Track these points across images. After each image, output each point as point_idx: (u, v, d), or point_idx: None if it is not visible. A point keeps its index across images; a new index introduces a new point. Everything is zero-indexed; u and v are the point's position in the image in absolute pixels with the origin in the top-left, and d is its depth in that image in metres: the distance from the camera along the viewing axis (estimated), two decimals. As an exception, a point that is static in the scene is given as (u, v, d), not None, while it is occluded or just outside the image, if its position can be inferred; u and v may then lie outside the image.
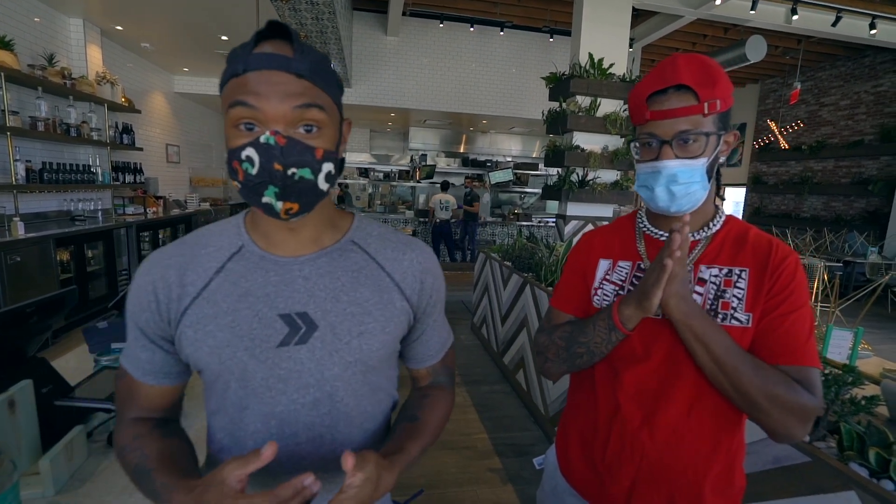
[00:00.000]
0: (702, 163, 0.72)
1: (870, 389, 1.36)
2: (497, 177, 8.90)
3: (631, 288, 0.82)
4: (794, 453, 1.20)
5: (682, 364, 0.75)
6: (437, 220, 7.39)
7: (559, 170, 4.21)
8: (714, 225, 0.80)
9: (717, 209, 0.82)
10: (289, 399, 0.61)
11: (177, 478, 0.55)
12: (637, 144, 0.78)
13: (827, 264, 5.72)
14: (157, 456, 0.59)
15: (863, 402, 1.16)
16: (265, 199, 0.55)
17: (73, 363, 1.43)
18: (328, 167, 0.57)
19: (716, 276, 0.76)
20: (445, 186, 7.63)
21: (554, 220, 5.37)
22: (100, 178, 4.73)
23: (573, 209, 4.10)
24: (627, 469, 0.79)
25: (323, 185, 0.57)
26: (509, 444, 2.53)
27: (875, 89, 7.29)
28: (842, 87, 7.81)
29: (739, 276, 0.75)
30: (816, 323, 2.36)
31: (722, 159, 0.76)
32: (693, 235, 0.79)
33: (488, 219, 8.27)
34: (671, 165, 0.72)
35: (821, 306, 2.34)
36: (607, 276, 0.85)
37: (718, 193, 0.86)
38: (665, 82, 0.71)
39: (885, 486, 1.01)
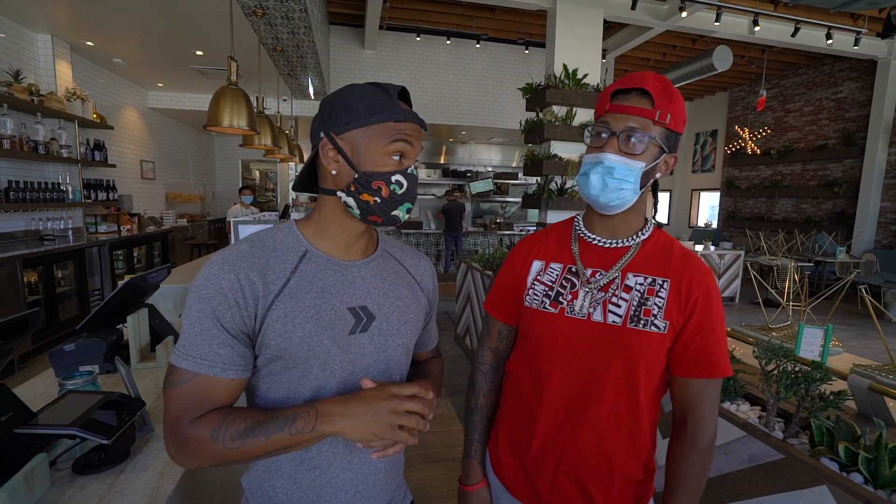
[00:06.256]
0: (640, 166, 0.78)
1: (839, 385, 1.40)
2: (477, 187, 8.96)
3: (560, 290, 0.86)
4: (769, 451, 1.22)
5: (602, 364, 0.81)
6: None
7: (538, 178, 4.27)
8: (643, 234, 0.85)
9: (646, 220, 0.88)
10: (356, 378, 0.74)
11: (306, 403, 0.67)
12: (591, 130, 0.83)
13: (798, 264, 5.90)
14: (260, 411, 0.66)
15: (831, 398, 1.19)
16: (395, 212, 0.73)
17: (40, 388, 1.37)
18: None
19: (641, 283, 0.81)
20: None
21: (535, 228, 5.41)
22: (70, 196, 4.60)
23: (553, 217, 4.15)
24: (550, 464, 0.85)
25: None
26: (495, 453, 2.51)
27: (835, 96, 7.63)
28: (805, 94, 8.15)
29: (661, 287, 0.80)
30: (788, 322, 2.43)
31: (658, 175, 0.83)
32: (623, 241, 0.85)
33: (470, 229, 8.29)
34: (612, 159, 0.78)
35: (792, 305, 2.41)
36: (538, 277, 0.90)
37: (655, 206, 0.94)
38: (631, 84, 0.79)
39: (854, 479, 1.04)
